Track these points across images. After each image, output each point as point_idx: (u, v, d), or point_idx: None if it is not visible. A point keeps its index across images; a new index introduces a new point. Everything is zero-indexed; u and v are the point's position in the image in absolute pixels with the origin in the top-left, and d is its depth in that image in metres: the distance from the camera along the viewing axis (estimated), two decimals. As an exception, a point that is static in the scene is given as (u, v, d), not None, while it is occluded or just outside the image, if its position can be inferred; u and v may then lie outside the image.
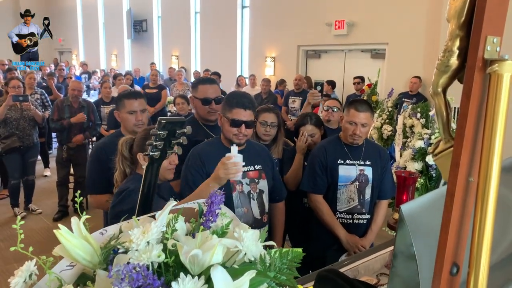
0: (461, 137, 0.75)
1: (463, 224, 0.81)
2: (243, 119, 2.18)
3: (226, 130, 2.22)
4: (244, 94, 2.30)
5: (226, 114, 2.20)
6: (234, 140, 2.21)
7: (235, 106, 2.18)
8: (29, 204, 5.55)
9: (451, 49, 0.75)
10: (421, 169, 3.39)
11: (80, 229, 0.95)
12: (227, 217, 1.09)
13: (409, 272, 1.05)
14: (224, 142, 2.30)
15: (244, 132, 2.21)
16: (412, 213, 1.04)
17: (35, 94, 6.39)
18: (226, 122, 2.20)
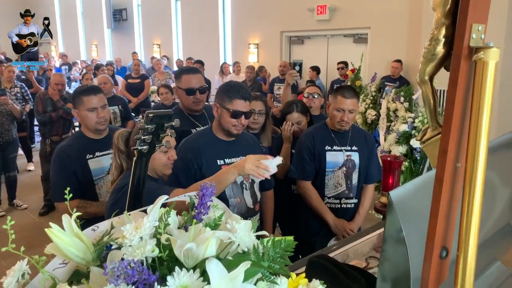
0: (448, 124, 0.76)
1: (452, 209, 0.83)
2: (243, 110, 2.18)
3: (225, 121, 2.19)
4: (242, 85, 2.28)
5: (226, 105, 2.17)
6: (233, 131, 2.21)
7: (235, 97, 2.16)
8: (14, 200, 5.47)
9: (437, 38, 0.76)
10: (405, 152, 3.44)
11: (72, 227, 0.94)
12: (219, 209, 1.10)
13: (399, 256, 1.07)
14: (216, 133, 2.28)
15: (243, 123, 2.22)
16: (401, 198, 1.06)
17: (14, 87, 6.26)
18: (226, 113, 2.17)
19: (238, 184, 2.28)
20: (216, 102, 2.23)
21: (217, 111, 2.22)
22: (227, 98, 2.18)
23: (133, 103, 7.48)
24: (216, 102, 2.23)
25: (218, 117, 2.23)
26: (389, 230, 1.12)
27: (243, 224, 1.00)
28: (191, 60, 8.80)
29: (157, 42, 12.95)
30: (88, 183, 2.43)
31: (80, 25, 16.52)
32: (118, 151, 1.93)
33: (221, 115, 2.20)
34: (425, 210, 1.10)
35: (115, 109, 4.97)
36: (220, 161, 2.24)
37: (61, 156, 2.41)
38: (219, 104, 2.21)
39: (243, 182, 2.31)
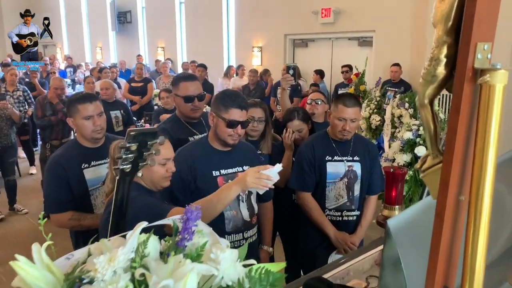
0: (450, 154, 0.69)
1: (454, 245, 0.75)
2: (240, 120, 2.12)
3: (221, 131, 2.13)
4: (238, 94, 2.22)
5: (222, 115, 2.10)
6: (229, 141, 2.15)
7: (231, 107, 2.10)
8: (14, 204, 5.43)
9: (438, 57, 0.68)
10: (410, 160, 3.35)
11: (42, 257, 0.87)
12: (204, 235, 1.03)
13: (397, 284, 1.00)
14: (212, 143, 2.22)
15: (240, 133, 2.15)
16: (399, 227, 0.98)
17: (17, 91, 6.24)
18: (221, 122, 2.11)
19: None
20: (211, 111, 2.17)
21: (213, 120, 2.15)
22: (223, 107, 2.11)
23: (135, 106, 7.44)
24: (212, 111, 2.16)
25: (214, 126, 2.16)
26: (387, 257, 1.04)
27: (228, 253, 0.92)
28: (195, 63, 8.75)
29: (161, 45, 12.92)
30: (82, 193, 2.36)
31: (85, 27, 16.54)
32: (114, 162, 1.86)
33: (217, 125, 2.14)
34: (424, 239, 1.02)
35: (117, 113, 4.93)
36: (215, 172, 2.17)
37: (55, 165, 2.34)
38: (215, 113, 2.14)
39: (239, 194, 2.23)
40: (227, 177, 2.19)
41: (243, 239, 2.23)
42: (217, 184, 2.15)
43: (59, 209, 2.33)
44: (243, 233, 2.23)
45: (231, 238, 2.19)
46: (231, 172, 2.22)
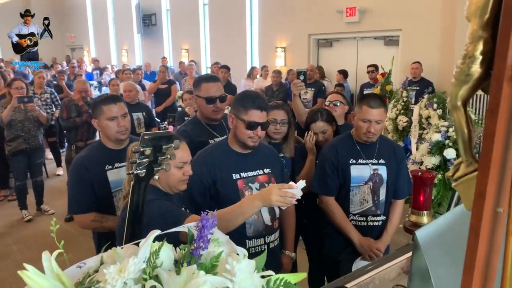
0: (487, 161, 0.62)
1: (491, 262, 0.68)
2: (259, 121, 2.07)
3: (241, 133, 2.09)
4: (258, 95, 2.17)
5: (241, 116, 2.07)
6: (249, 143, 2.10)
7: (250, 108, 2.05)
8: (41, 205, 5.54)
9: (472, 55, 0.62)
10: (438, 163, 3.23)
11: (52, 267, 0.84)
12: (219, 244, 0.98)
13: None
14: (232, 145, 2.18)
15: (260, 134, 2.10)
16: (428, 238, 0.91)
17: (44, 93, 6.37)
18: (241, 124, 2.07)
19: None
20: (231, 113, 2.13)
21: (232, 122, 2.12)
22: (243, 109, 2.07)
23: (159, 108, 7.49)
24: (231, 112, 2.12)
25: (233, 128, 2.13)
26: (416, 269, 0.98)
27: (245, 264, 0.88)
28: (218, 65, 8.74)
29: (185, 47, 13.02)
30: (105, 195, 2.37)
31: (111, 30, 16.84)
32: (129, 166, 1.85)
33: (237, 127, 2.10)
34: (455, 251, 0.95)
35: (139, 115, 4.96)
36: (235, 175, 2.13)
37: (79, 167, 2.36)
38: (234, 115, 2.10)
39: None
40: (247, 180, 2.15)
41: (265, 244, 2.18)
42: (237, 187, 2.12)
43: (82, 210, 2.35)
44: (265, 237, 2.17)
45: (252, 243, 2.14)
46: (252, 175, 2.17)
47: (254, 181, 2.17)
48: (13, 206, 5.69)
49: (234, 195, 2.09)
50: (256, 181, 2.18)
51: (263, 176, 2.21)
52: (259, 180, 2.19)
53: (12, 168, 5.40)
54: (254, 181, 2.17)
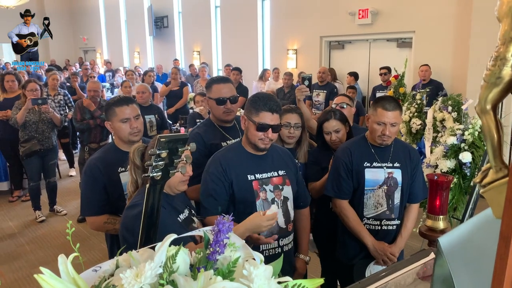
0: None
1: (521, 272, 0.65)
2: (270, 123, 2.06)
3: (252, 134, 2.10)
4: (270, 97, 2.15)
5: (252, 118, 2.08)
6: (260, 145, 2.11)
7: (262, 110, 2.05)
8: (54, 205, 5.58)
9: (504, 56, 0.59)
10: (454, 167, 3.18)
11: (68, 270, 0.84)
12: (236, 248, 0.96)
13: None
14: (245, 147, 2.19)
15: (271, 137, 2.10)
16: (451, 245, 0.89)
17: (58, 95, 6.43)
18: (252, 126, 2.08)
19: (269, 201, 2.14)
20: (244, 114, 2.14)
21: (245, 123, 2.13)
22: (254, 110, 2.07)
23: (170, 109, 7.52)
24: (244, 114, 2.14)
25: (245, 130, 2.14)
26: (438, 276, 0.95)
27: (262, 270, 0.86)
28: (230, 67, 8.76)
29: (197, 49, 13.06)
30: (118, 197, 2.37)
31: (124, 32, 16.97)
32: (134, 166, 1.85)
33: (248, 128, 2.11)
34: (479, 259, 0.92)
35: (151, 118, 4.97)
36: (250, 176, 2.14)
37: (92, 169, 2.36)
38: (246, 116, 2.12)
39: (274, 199, 2.16)
40: (261, 182, 2.15)
41: (279, 247, 2.17)
42: (253, 188, 2.12)
43: (95, 212, 2.35)
44: (279, 240, 2.16)
45: (267, 246, 2.13)
46: (266, 177, 2.17)
47: (268, 182, 2.17)
48: (26, 206, 5.75)
49: (250, 195, 2.11)
50: (270, 183, 2.18)
51: (277, 178, 2.20)
52: (274, 182, 2.18)
53: (26, 169, 5.45)
54: (268, 183, 2.17)
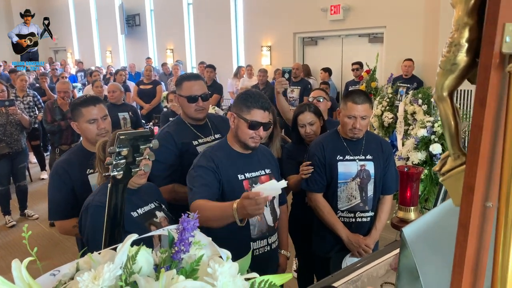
0: (475, 154, 0.59)
1: (481, 260, 0.65)
2: (262, 121, 2.02)
3: (243, 133, 2.03)
4: (261, 94, 2.10)
5: (244, 116, 2.01)
6: (250, 144, 2.06)
7: (253, 107, 2.00)
8: (25, 209, 5.43)
9: (458, 42, 0.59)
10: (424, 159, 3.23)
11: (22, 275, 0.80)
12: (201, 246, 0.94)
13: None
14: (232, 145, 2.12)
15: (262, 135, 2.05)
16: (415, 235, 0.89)
17: (27, 96, 6.25)
18: (243, 124, 2.02)
19: None
20: (233, 112, 2.07)
21: (234, 121, 2.06)
22: (245, 108, 2.01)
23: (145, 109, 7.42)
24: (233, 111, 2.07)
25: (234, 128, 2.07)
26: (403, 266, 0.96)
27: (227, 267, 0.84)
28: (203, 65, 8.69)
29: (170, 47, 12.91)
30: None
31: (95, 31, 16.63)
32: (99, 161, 1.82)
33: (238, 126, 2.04)
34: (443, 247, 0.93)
35: (125, 115, 4.90)
36: (240, 175, 2.08)
37: (59, 171, 2.28)
38: (236, 114, 2.04)
39: None
40: (251, 181, 2.10)
41: (268, 245, 2.15)
42: (244, 188, 2.05)
43: (64, 216, 2.27)
44: (267, 238, 2.15)
45: (257, 245, 2.11)
46: (255, 176, 2.12)
47: (257, 181, 2.11)
48: (-5, 211, 5.58)
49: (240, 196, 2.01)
50: (259, 182, 2.11)
51: (265, 177, 2.16)
52: (262, 181, 2.13)
53: (-5, 172, 5.29)
54: (257, 182, 2.11)
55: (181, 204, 2.40)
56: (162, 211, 1.90)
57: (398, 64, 7.03)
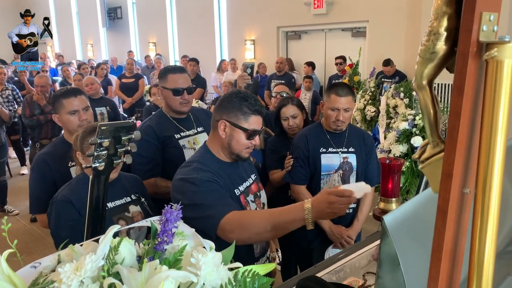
0: (453, 141, 0.60)
1: (459, 243, 0.67)
2: (259, 128, 1.77)
3: (238, 144, 1.74)
4: (252, 95, 1.80)
5: (240, 124, 1.72)
6: (244, 155, 1.78)
7: (251, 114, 1.73)
8: (5, 205, 5.34)
9: (437, 31, 0.60)
10: (406, 151, 3.28)
11: (2, 268, 0.79)
12: (185, 237, 0.94)
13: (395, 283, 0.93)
14: (219, 155, 1.81)
15: (257, 143, 1.82)
16: (396, 223, 0.90)
17: (6, 90, 6.12)
18: (240, 134, 1.73)
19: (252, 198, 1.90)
20: (224, 119, 1.74)
21: (225, 130, 1.74)
22: (241, 115, 1.72)
23: (127, 103, 7.33)
24: (225, 119, 1.74)
25: (226, 138, 1.75)
26: (384, 255, 0.97)
27: (210, 257, 0.84)
28: (186, 58, 8.62)
29: (153, 40, 12.77)
30: None
31: (75, 24, 16.34)
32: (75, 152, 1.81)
33: (232, 136, 1.74)
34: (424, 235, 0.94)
35: (102, 110, 4.83)
36: (237, 190, 1.81)
37: (40, 164, 2.26)
38: (229, 122, 1.73)
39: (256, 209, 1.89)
40: (245, 194, 1.84)
41: (267, 259, 1.99)
42: (242, 205, 1.79)
43: (44, 210, 2.24)
44: (266, 253, 1.99)
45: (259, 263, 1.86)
46: (247, 187, 1.88)
47: (249, 193, 1.88)
48: (-26, 207, 5.47)
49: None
50: (250, 193, 1.89)
51: (254, 185, 1.94)
52: (252, 191, 1.91)
53: (-27, 168, 5.18)
54: (249, 193, 1.88)
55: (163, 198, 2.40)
56: (138, 205, 1.87)
57: (380, 58, 7.09)
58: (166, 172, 2.41)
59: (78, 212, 1.70)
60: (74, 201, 1.74)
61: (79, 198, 1.71)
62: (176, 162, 2.39)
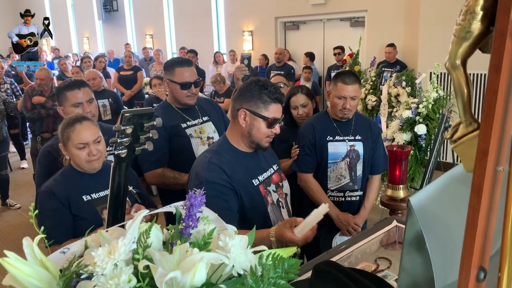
0: (490, 118, 0.61)
1: (490, 223, 0.68)
2: (279, 117, 1.77)
3: (259, 132, 1.75)
4: (272, 83, 1.79)
5: (261, 113, 1.72)
6: (264, 144, 1.79)
7: (272, 102, 1.72)
8: (6, 199, 5.33)
9: (473, 10, 0.60)
10: (410, 139, 3.29)
11: (34, 252, 0.79)
12: (209, 221, 0.95)
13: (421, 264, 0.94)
14: (238, 145, 1.82)
15: (278, 132, 1.81)
16: (422, 204, 0.91)
17: (4, 83, 6.08)
18: (261, 122, 1.73)
19: (275, 203, 1.91)
20: (244, 108, 1.74)
21: (245, 119, 1.75)
22: (261, 103, 1.72)
23: (126, 96, 7.31)
24: (245, 108, 1.74)
25: (247, 127, 1.75)
26: (410, 236, 0.98)
27: (237, 240, 0.85)
28: (184, 50, 8.58)
29: (150, 33, 12.68)
30: None
31: (71, 17, 16.19)
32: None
33: (253, 125, 1.74)
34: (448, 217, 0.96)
35: (105, 102, 4.83)
36: (255, 180, 1.81)
37: (46, 156, 2.27)
38: (249, 110, 1.73)
39: (278, 199, 1.92)
40: (265, 184, 1.85)
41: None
42: (262, 195, 1.81)
43: None
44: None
45: None
46: (267, 177, 1.88)
47: (270, 182, 1.89)
48: (-24, 202, 5.46)
49: (261, 204, 1.81)
50: (272, 182, 1.90)
51: (275, 175, 1.94)
52: (274, 181, 1.92)
53: (-25, 162, 5.16)
54: (270, 183, 1.89)
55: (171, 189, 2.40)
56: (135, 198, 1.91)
57: (380, 47, 7.07)
58: (173, 162, 2.42)
59: (61, 202, 1.78)
60: (56, 191, 1.80)
61: (61, 189, 1.81)
62: (183, 151, 2.40)
